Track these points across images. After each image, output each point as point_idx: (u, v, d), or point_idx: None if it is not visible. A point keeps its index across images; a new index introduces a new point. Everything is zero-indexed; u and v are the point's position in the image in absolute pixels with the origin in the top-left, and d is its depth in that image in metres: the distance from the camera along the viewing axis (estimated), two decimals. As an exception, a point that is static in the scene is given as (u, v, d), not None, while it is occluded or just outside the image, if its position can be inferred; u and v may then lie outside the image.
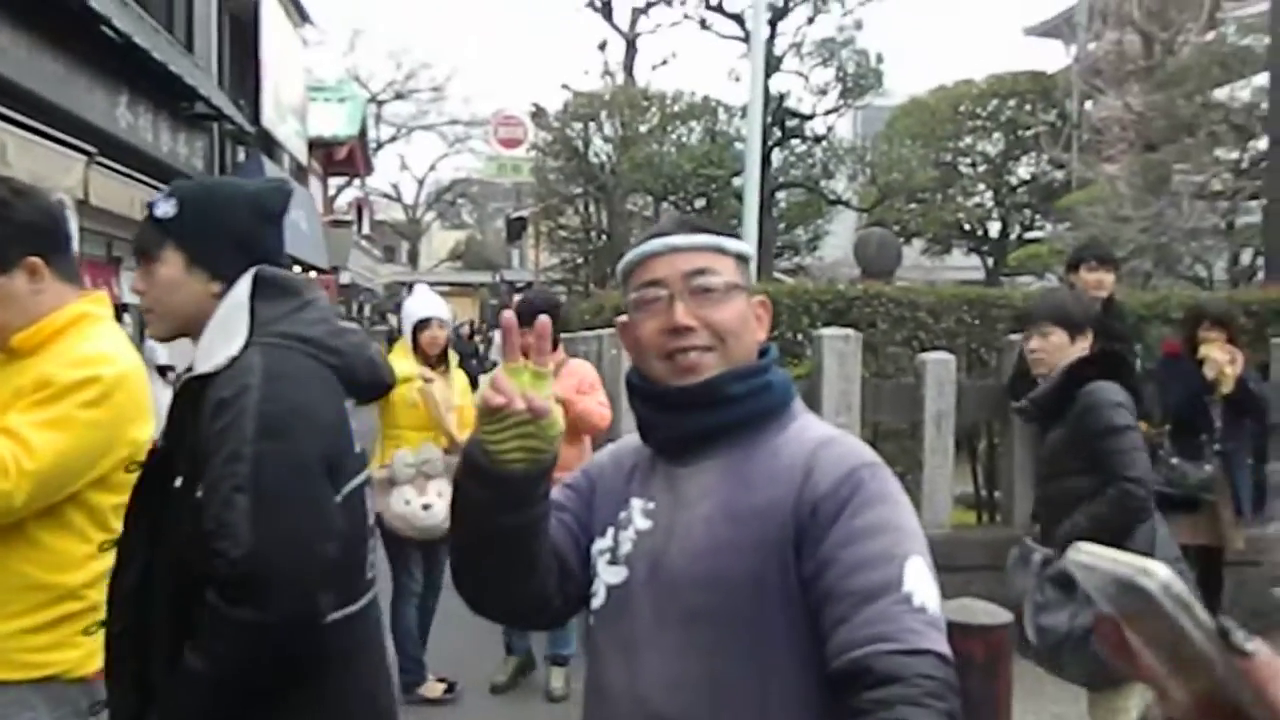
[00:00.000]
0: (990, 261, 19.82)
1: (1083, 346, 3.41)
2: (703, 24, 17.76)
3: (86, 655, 2.00)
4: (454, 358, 4.95)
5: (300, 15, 18.22)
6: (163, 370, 6.13)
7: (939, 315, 6.41)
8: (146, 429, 2.08)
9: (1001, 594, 3.79)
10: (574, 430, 4.59)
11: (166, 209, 1.79)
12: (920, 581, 1.24)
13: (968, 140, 19.66)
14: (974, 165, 19.86)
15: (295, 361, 1.72)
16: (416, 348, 4.73)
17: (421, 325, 4.74)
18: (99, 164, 8.10)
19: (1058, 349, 3.41)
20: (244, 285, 1.77)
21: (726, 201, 16.22)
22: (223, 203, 1.81)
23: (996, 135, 19.50)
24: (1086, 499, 3.23)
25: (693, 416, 1.41)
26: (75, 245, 6.75)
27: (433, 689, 4.72)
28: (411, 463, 4.54)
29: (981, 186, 19.93)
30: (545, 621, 1.53)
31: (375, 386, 1.94)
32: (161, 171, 9.70)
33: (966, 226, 19.78)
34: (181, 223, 1.78)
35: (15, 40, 7.33)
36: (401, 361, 4.72)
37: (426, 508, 4.52)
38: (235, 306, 1.75)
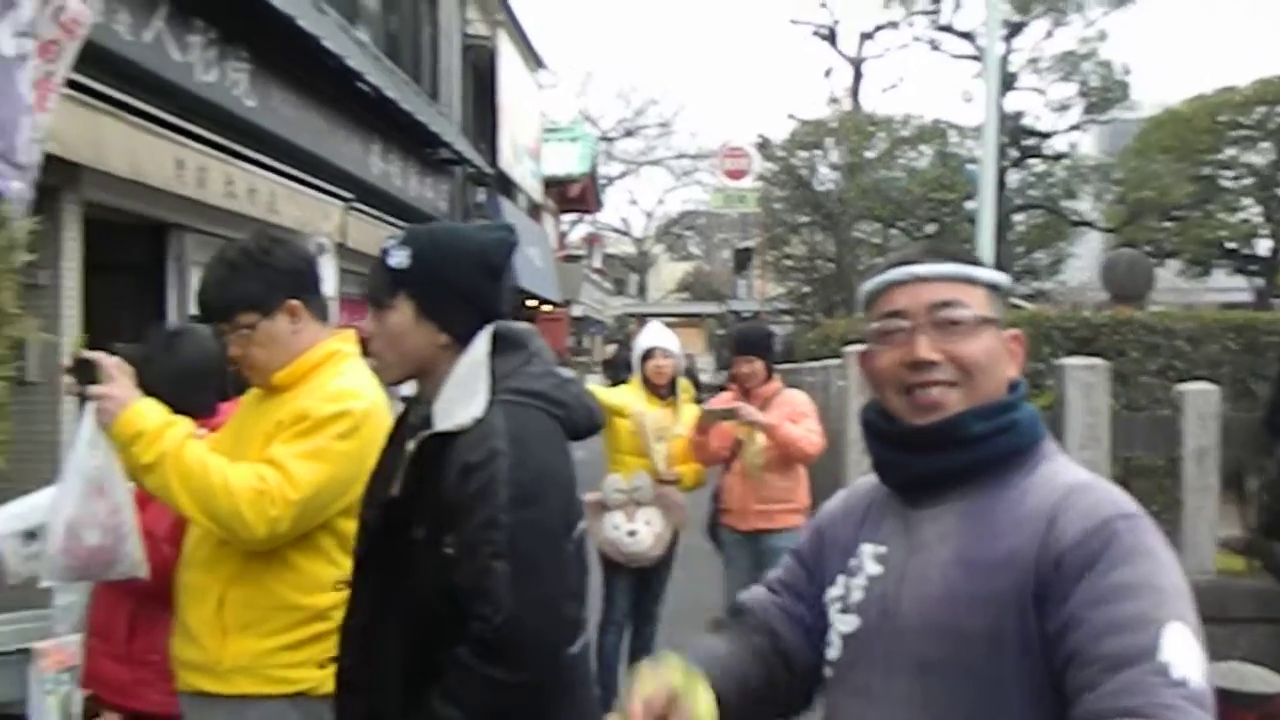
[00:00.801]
0: (1260, 283, 18.16)
1: None
2: (932, 45, 17.32)
3: (332, 674, 2.12)
4: (687, 388, 5.03)
5: (536, 61, 19.07)
6: (407, 400, 6.50)
7: (1199, 342, 5.92)
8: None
9: (1277, 650, 3.42)
10: (784, 459, 4.57)
11: (400, 259, 1.81)
12: (1181, 650, 1.11)
13: (1230, 152, 18.14)
14: (1238, 178, 18.30)
15: (535, 421, 1.76)
16: (645, 378, 4.84)
17: (647, 355, 4.86)
18: (355, 209, 8.75)
19: None
20: (483, 343, 1.80)
21: (959, 226, 15.70)
22: (453, 257, 1.83)
23: (1265, 145, 17.88)
24: None
25: (930, 458, 1.33)
26: (335, 285, 7.28)
27: None
28: (623, 489, 4.65)
29: (1248, 201, 18.32)
30: (800, 706, 1.50)
31: (591, 431, 1.97)
32: (410, 214, 10.36)
33: (1230, 245, 18.21)
34: (414, 273, 1.80)
35: (285, 100, 8.04)
36: (626, 391, 4.87)
37: (632, 534, 4.60)
38: (475, 364, 1.78)
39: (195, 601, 2.19)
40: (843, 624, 1.38)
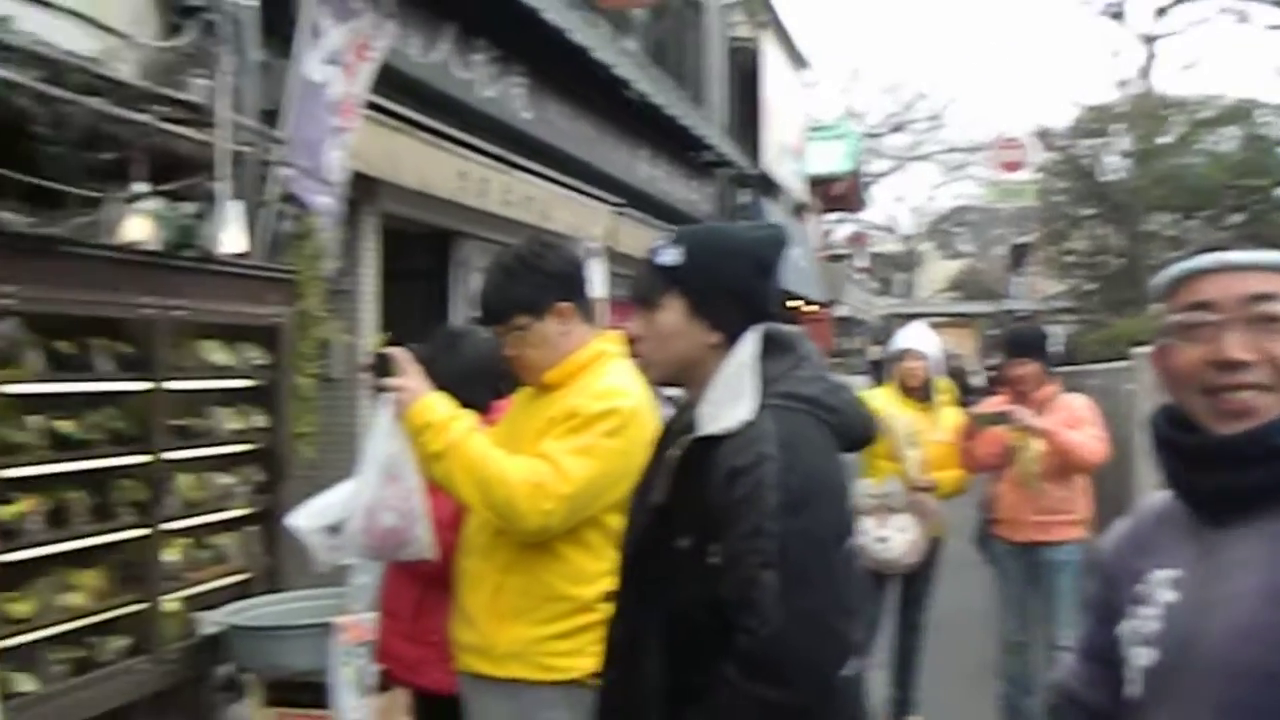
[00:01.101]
0: None
1: None
2: (1239, 17, 15.78)
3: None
4: (948, 390, 4.85)
5: (799, 60, 18.94)
6: (674, 402, 6.62)
7: None
8: (653, 458, 2.24)
9: None
10: (1063, 468, 4.29)
11: (671, 257, 1.78)
12: None
13: None
14: None
15: (806, 427, 1.67)
16: (899, 380, 4.72)
17: (899, 357, 4.71)
18: (623, 213, 9.02)
19: None
20: (750, 344, 1.74)
21: (1271, 216, 14.19)
22: (726, 253, 1.79)
23: None
24: None
25: (1234, 471, 1.18)
26: (605, 288, 7.53)
27: None
28: (874, 494, 4.51)
29: None
30: None
31: (864, 441, 1.87)
32: (675, 217, 10.56)
33: None
34: (685, 271, 1.76)
35: (560, 111, 8.40)
36: (881, 394, 4.78)
37: (882, 540, 4.45)
38: (742, 366, 1.72)
39: (473, 587, 2.32)
40: (1141, 658, 1.25)
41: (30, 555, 3.19)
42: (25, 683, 3.09)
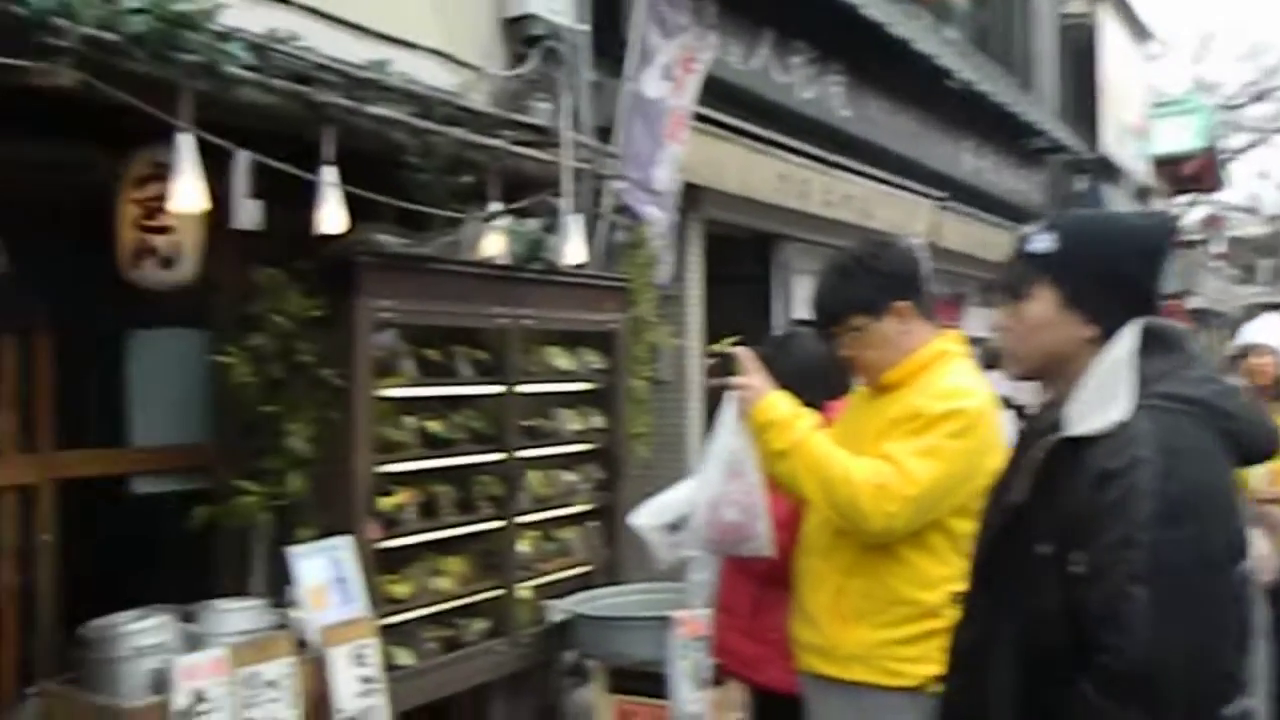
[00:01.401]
0: None
1: None
2: None
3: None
4: None
5: (1142, 32, 17.48)
6: (1004, 402, 6.32)
7: None
8: (999, 460, 2.14)
9: None
10: None
11: (1044, 244, 1.68)
12: None
13: None
14: None
15: (1190, 431, 1.53)
16: (1246, 379, 4.26)
17: (1244, 353, 4.29)
18: (947, 208, 8.72)
19: None
20: (1128, 340, 1.61)
21: None
22: (1108, 240, 1.67)
23: None
24: None
25: None
26: (929, 285, 7.34)
27: None
28: None
29: None
30: None
31: (1266, 454, 1.65)
32: (1002, 209, 10.06)
33: None
34: (1060, 259, 1.65)
35: (879, 108, 8.25)
36: None
37: None
38: (1118, 363, 1.59)
39: (813, 587, 2.32)
40: None
41: (406, 542, 3.54)
42: (404, 657, 3.43)
